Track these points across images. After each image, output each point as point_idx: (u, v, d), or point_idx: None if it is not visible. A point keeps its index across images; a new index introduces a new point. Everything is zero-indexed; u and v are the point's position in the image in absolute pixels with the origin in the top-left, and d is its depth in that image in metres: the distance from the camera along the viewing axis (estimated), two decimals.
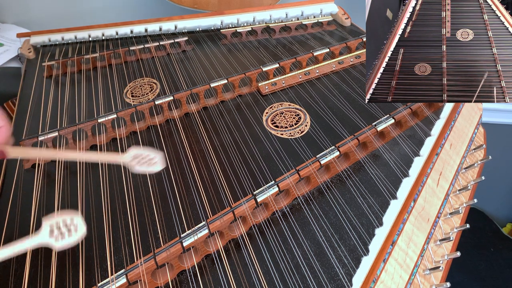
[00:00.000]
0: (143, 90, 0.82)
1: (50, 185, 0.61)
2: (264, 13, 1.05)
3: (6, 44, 1.08)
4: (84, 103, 0.78)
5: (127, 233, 0.53)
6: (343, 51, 0.92)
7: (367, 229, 0.52)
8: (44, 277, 0.48)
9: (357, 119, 0.71)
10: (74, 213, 0.41)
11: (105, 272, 0.48)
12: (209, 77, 0.85)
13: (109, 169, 0.63)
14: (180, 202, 0.57)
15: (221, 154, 0.65)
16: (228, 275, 0.48)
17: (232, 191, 0.58)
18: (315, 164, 0.58)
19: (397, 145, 0.66)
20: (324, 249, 0.50)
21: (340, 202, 0.56)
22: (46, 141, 0.66)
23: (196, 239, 0.48)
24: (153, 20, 1.03)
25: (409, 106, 0.70)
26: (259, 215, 0.55)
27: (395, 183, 0.57)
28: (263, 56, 0.93)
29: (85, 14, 1.31)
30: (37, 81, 0.86)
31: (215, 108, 0.77)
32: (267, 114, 0.74)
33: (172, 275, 0.48)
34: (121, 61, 0.92)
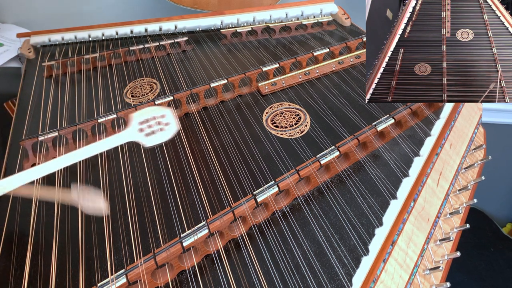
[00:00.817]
0: (143, 90, 0.82)
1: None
2: (264, 13, 1.05)
3: (6, 44, 1.08)
4: (84, 103, 0.78)
5: (127, 233, 0.53)
6: (343, 51, 0.92)
7: (367, 229, 0.52)
8: (44, 277, 0.48)
9: (357, 119, 0.71)
10: (164, 108, 0.36)
11: (105, 272, 0.48)
12: (209, 77, 0.85)
13: (109, 169, 0.63)
14: (180, 202, 0.57)
15: (221, 154, 0.65)
16: (228, 275, 0.47)
17: (232, 191, 0.58)
18: (315, 164, 0.58)
19: (397, 145, 0.66)
20: (324, 249, 0.50)
21: (340, 202, 0.56)
22: (46, 141, 0.66)
23: (196, 239, 0.48)
24: (153, 20, 1.03)
25: (409, 106, 0.70)
26: (259, 215, 0.55)
27: (395, 183, 0.57)
28: (263, 56, 0.93)
29: (85, 14, 1.31)
30: (37, 81, 0.86)
31: (215, 108, 0.77)
32: (267, 114, 0.74)
33: (172, 275, 0.48)
34: (121, 61, 0.92)
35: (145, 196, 0.58)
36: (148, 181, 0.60)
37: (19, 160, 0.66)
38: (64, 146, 0.68)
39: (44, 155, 0.66)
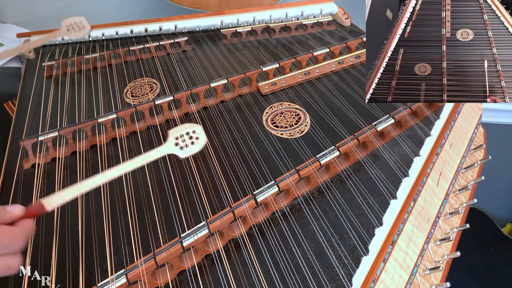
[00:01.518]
0: (143, 90, 0.82)
1: (50, 185, 0.61)
2: (264, 13, 1.05)
3: (6, 44, 1.08)
4: (84, 103, 0.78)
5: (127, 233, 0.53)
6: (343, 51, 0.92)
7: (367, 229, 0.52)
8: (44, 277, 0.48)
9: (357, 119, 0.71)
10: (195, 125, 0.44)
11: (105, 272, 0.48)
12: (209, 77, 0.85)
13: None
14: (180, 202, 0.57)
15: (221, 154, 0.65)
16: (228, 275, 0.47)
17: (232, 191, 0.58)
18: (315, 164, 0.58)
19: (397, 145, 0.66)
20: (324, 249, 0.50)
21: (340, 202, 0.56)
22: (46, 141, 0.66)
23: (196, 239, 0.48)
24: (153, 20, 1.03)
25: (409, 106, 0.70)
26: (259, 215, 0.55)
27: (395, 183, 0.57)
28: (263, 56, 0.93)
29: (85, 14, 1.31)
30: (37, 81, 0.86)
31: (215, 108, 0.77)
32: (267, 114, 0.74)
33: (172, 275, 0.48)
34: (121, 61, 0.92)
35: (145, 196, 0.58)
36: (148, 181, 0.60)
37: (19, 160, 0.65)
38: (64, 146, 0.68)
39: (44, 155, 0.66)
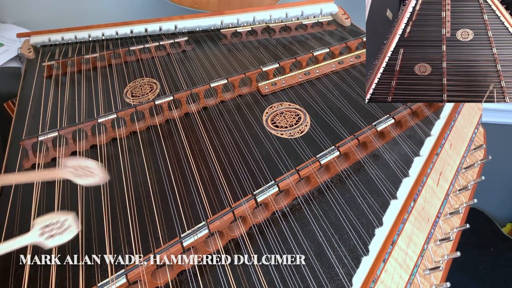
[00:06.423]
0: (143, 90, 0.82)
1: (50, 185, 0.61)
2: (264, 13, 1.05)
3: (6, 44, 1.08)
4: (84, 103, 0.78)
5: (127, 233, 0.53)
6: (343, 51, 0.92)
7: (367, 229, 0.52)
8: (44, 277, 0.48)
9: (357, 119, 0.71)
10: (67, 214, 0.41)
11: (105, 272, 0.48)
12: (209, 77, 0.85)
13: (109, 169, 0.63)
14: (180, 202, 0.57)
15: (221, 154, 0.65)
16: (228, 275, 0.48)
17: (232, 191, 0.58)
18: (315, 164, 0.58)
19: (397, 145, 0.66)
20: (324, 249, 0.50)
21: (340, 202, 0.56)
22: (46, 141, 0.66)
23: (196, 239, 0.48)
24: (153, 20, 1.03)
25: (409, 106, 0.70)
26: (259, 215, 0.55)
27: (395, 183, 0.57)
28: (263, 56, 0.93)
29: (85, 14, 1.31)
30: (37, 81, 0.86)
31: (215, 108, 0.77)
32: (267, 114, 0.74)
33: (172, 275, 0.48)
34: (121, 61, 0.92)
35: (145, 196, 0.58)
36: (148, 181, 0.60)
37: (19, 160, 0.66)
38: (64, 146, 0.68)
39: (44, 155, 0.66)
